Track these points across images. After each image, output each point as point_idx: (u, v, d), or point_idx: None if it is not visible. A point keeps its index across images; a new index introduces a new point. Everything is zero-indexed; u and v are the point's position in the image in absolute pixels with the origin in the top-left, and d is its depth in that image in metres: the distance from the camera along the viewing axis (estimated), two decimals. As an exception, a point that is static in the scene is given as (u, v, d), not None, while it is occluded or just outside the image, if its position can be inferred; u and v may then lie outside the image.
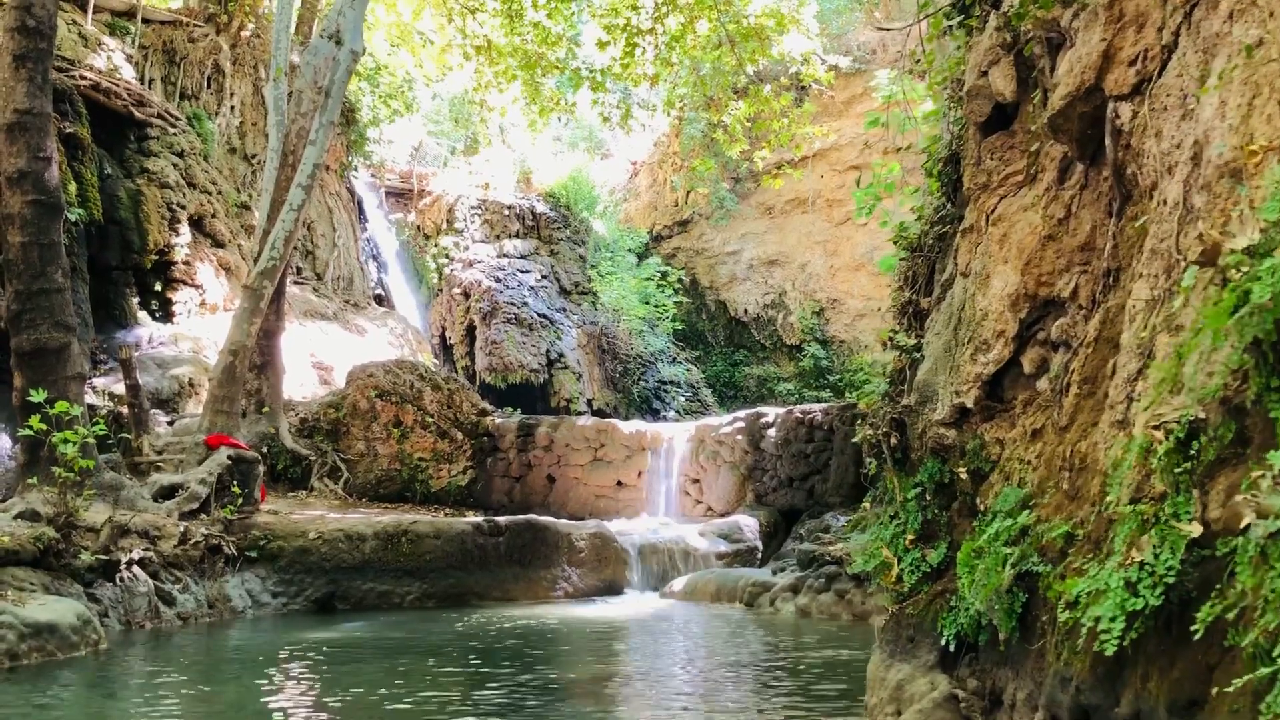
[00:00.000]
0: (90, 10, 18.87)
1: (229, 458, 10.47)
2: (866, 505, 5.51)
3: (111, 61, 18.63)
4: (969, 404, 4.69)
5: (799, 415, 12.61)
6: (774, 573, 10.11)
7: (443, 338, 26.34)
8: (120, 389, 14.75)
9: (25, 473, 9.34)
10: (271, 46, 16.12)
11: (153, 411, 14.76)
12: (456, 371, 25.73)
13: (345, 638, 8.16)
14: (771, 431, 12.69)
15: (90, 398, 14.50)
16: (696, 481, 13.01)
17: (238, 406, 11.03)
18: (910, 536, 4.75)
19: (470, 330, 25.45)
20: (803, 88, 21.39)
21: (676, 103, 18.90)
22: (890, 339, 5.51)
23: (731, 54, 16.54)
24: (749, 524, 11.94)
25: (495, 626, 8.71)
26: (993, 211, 4.68)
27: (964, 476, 4.69)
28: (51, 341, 9.35)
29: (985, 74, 4.51)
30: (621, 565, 10.98)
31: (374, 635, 8.31)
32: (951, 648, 4.16)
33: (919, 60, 9.39)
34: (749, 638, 8.08)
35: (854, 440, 11.98)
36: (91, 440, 9.00)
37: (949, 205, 5.29)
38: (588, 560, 10.80)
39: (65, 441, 8.46)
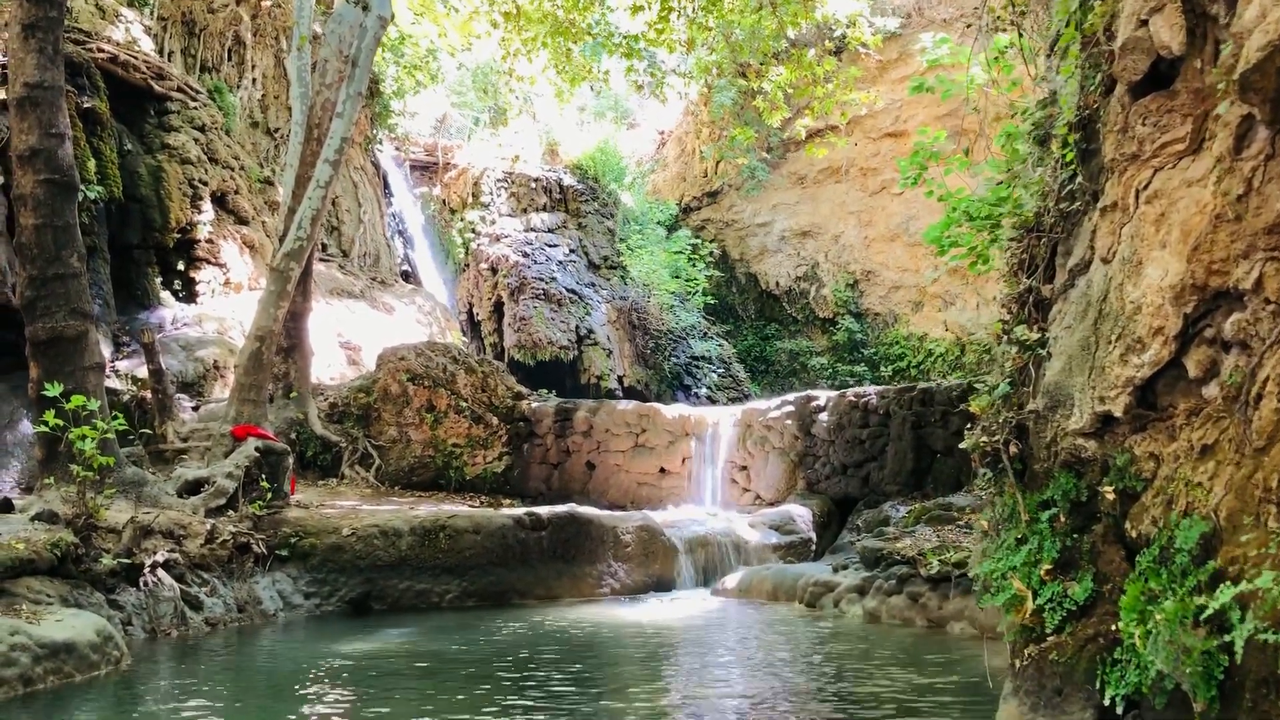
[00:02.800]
0: (106, -20, 18.23)
1: (257, 449, 9.93)
2: (984, 524, 4.85)
3: (129, 33, 18.02)
4: (1116, 412, 4.02)
5: (852, 399, 11.95)
6: (835, 570, 9.48)
7: (470, 314, 25.78)
8: (143, 372, 14.27)
9: (43, 469, 8.84)
10: (294, 15, 15.47)
11: (177, 396, 14.26)
12: (485, 349, 25.19)
13: (382, 649, 7.60)
14: (823, 416, 12.05)
15: (113, 382, 14.02)
16: (744, 468, 12.39)
17: (265, 395, 10.48)
18: (1047, 566, 4.10)
19: (498, 306, 24.87)
20: (838, 50, 20.54)
21: (711, 70, 18.11)
22: (1005, 333, 4.85)
23: (772, 17, 15.75)
24: (802, 514, 11.32)
25: (540, 633, 8.14)
26: (1146, 186, 3.99)
27: (1110, 496, 4.04)
28: (69, 330, 8.80)
29: (1145, 23, 3.81)
30: (670, 560, 10.40)
31: (411, 646, 7.74)
32: (1119, 709, 3.52)
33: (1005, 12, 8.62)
34: (822, 651, 7.46)
35: (914, 426, 11.35)
36: (112, 435, 8.47)
37: (1078, 178, 4.59)
38: (634, 555, 10.22)
39: (83, 438, 7.94)
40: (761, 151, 27.72)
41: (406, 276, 25.05)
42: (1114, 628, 3.67)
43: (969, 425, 5.04)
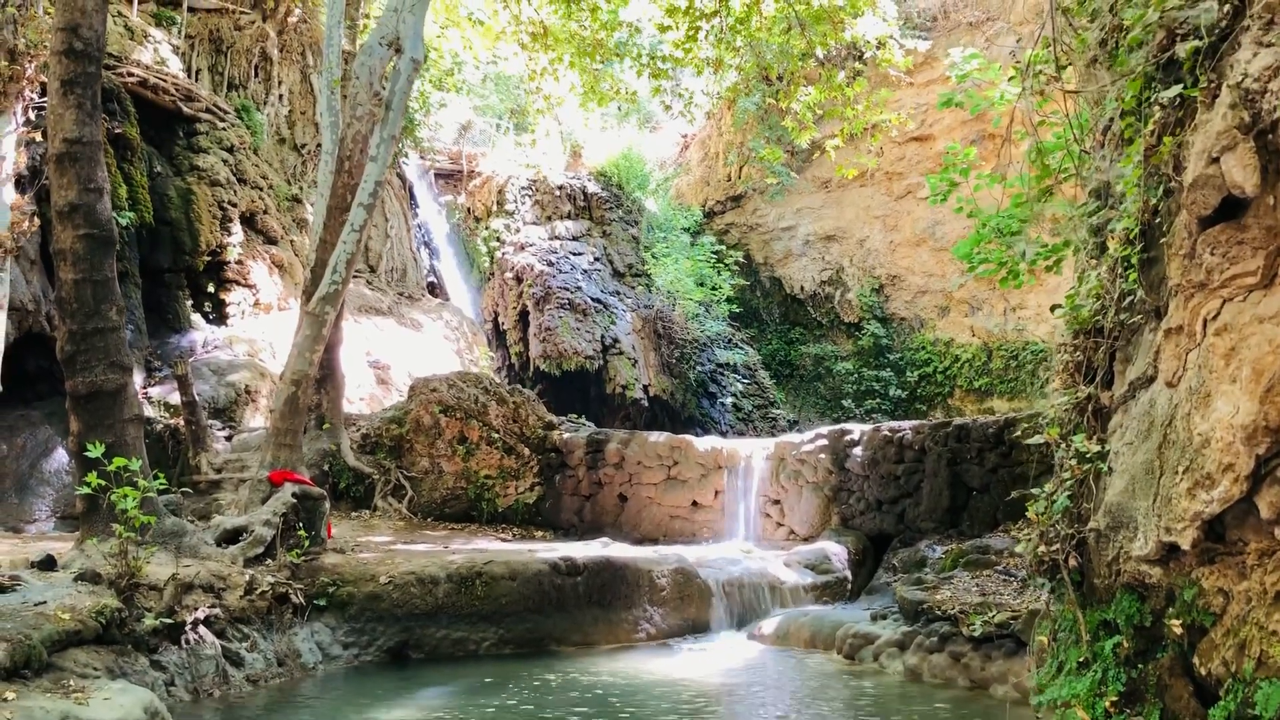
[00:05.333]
0: (136, 2, 18.31)
1: (294, 495, 9.95)
2: (1044, 642, 4.79)
3: (158, 54, 18.09)
4: (1184, 545, 3.97)
5: (887, 434, 11.88)
6: (873, 619, 9.43)
7: (495, 323, 25.81)
8: (176, 398, 14.35)
9: (85, 523, 8.89)
10: (323, 42, 15.48)
11: (209, 422, 14.36)
12: (510, 358, 25.23)
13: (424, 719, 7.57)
14: (857, 450, 11.99)
15: (147, 409, 14.12)
16: (777, 503, 12.35)
17: (301, 439, 10.50)
18: (1112, 699, 4.05)
19: (523, 316, 24.88)
20: (860, 57, 20.34)
21: (740, 89, 18.00)
22: (1063, 439, 4.79)
23: (801, 37, 15.63)
24: (837, 552, 11.28)
25: (578, 693, 8.13)
26: (1215, 317, 3.92)
27: (1177, 630, 3.98)
28: (108, 383, 8.83)
29: (1216, 160, 3.74)
30: (705, 602, 10.38)
31: (454, 710, 7.72)
32: None
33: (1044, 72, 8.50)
34: (864, 713, 7.43)
35: (949, 463, 11.27)
36: (153, 494, 8.50)
37: (1138, 292, 4.52)
38: (670, 599, 10.21)
39: (125, 497, 7.98)
40: (784, 155, 27.56)
41: (433, 288, 25.09)
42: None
43: (1026, 545, 4.96)
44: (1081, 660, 4.28)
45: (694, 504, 12.62)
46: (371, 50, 12.21)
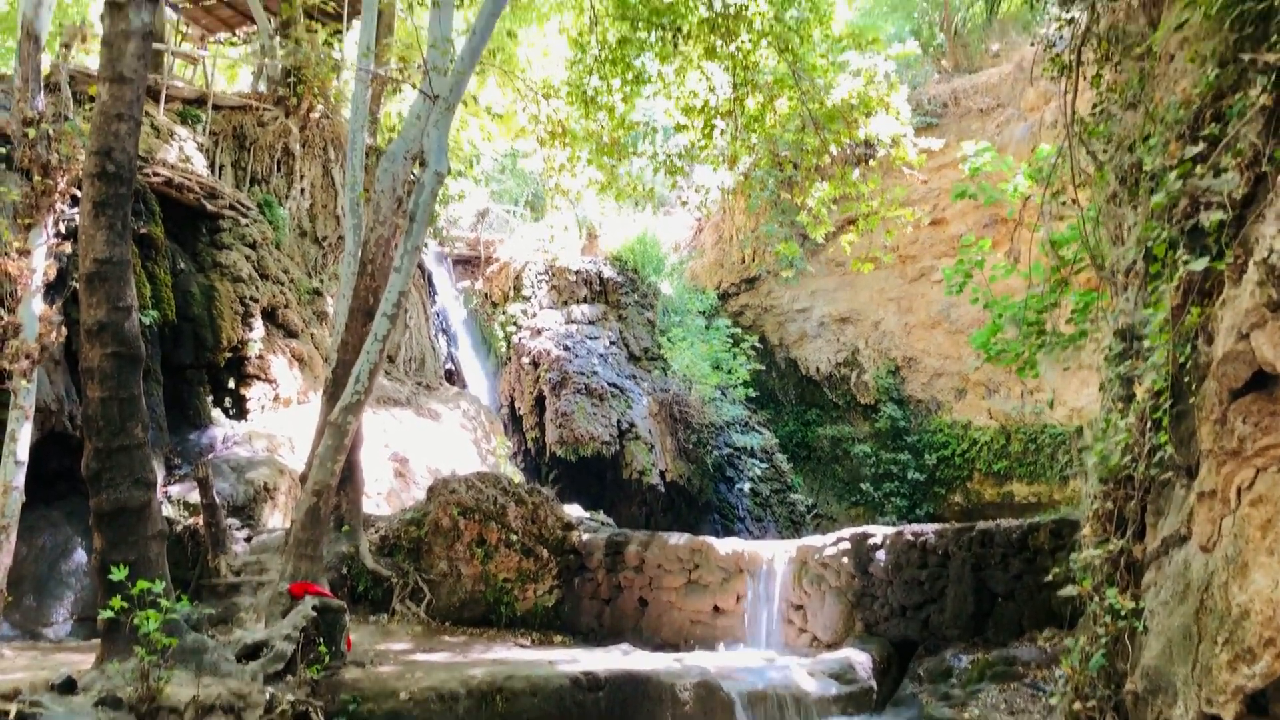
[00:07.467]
0: (162, 101, 18.75)
1: (314, 608, 9.90)
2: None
3: (183, 151, 18.46)
4: (1226, 718, 3.91)
5: (909, 538, 11.79)
6: (900, 738, 9.29)
7: (512, 407, 25.86)
8: (195, 497, 14.37)
9: (106, 642, 8.85)
10: (347, 144, 15.80)
11: (228, 521, 14.36)
12: (526, 443, 25.21)
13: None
14: (880, 554, 11.89)
15: (166, 509, 14.14)
16: (800, 608, 12.22)
17: (322, 549, 10.48)
18: None
19: (540, 400, 24.92)
20: (872, 156, 20.62)
21: (755, 184, 18.25)
22: (1096, 590, 4.75)
23: (815, 135, 15.89)
24: (861, 661, 11.11)
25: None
26: (1249, 486, 3.91)
27: (1222, 807, 3.91)
28: (132, 501, 8.87)
29: (1245, 336, 3.76)
30: (728, 717, 10.21)
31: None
32: None
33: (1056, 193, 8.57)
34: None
35: (974, 569, 11.16)
36: (175, 616, 8.48)
37: (1168, 448, 4.52)
38: (693, 713, 10.05)
39: (148, 619, 7.97)
40: (797, 239, 27.84)
41: (450, 376, 25.21)
42: None
43: (1059, 696, 4.90)
44: (1124, 832, 4.21)
45: (715, 609, 12.50)
46: (395, 158, 12.45)
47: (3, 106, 13.99)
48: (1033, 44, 16.49)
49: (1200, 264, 3.99)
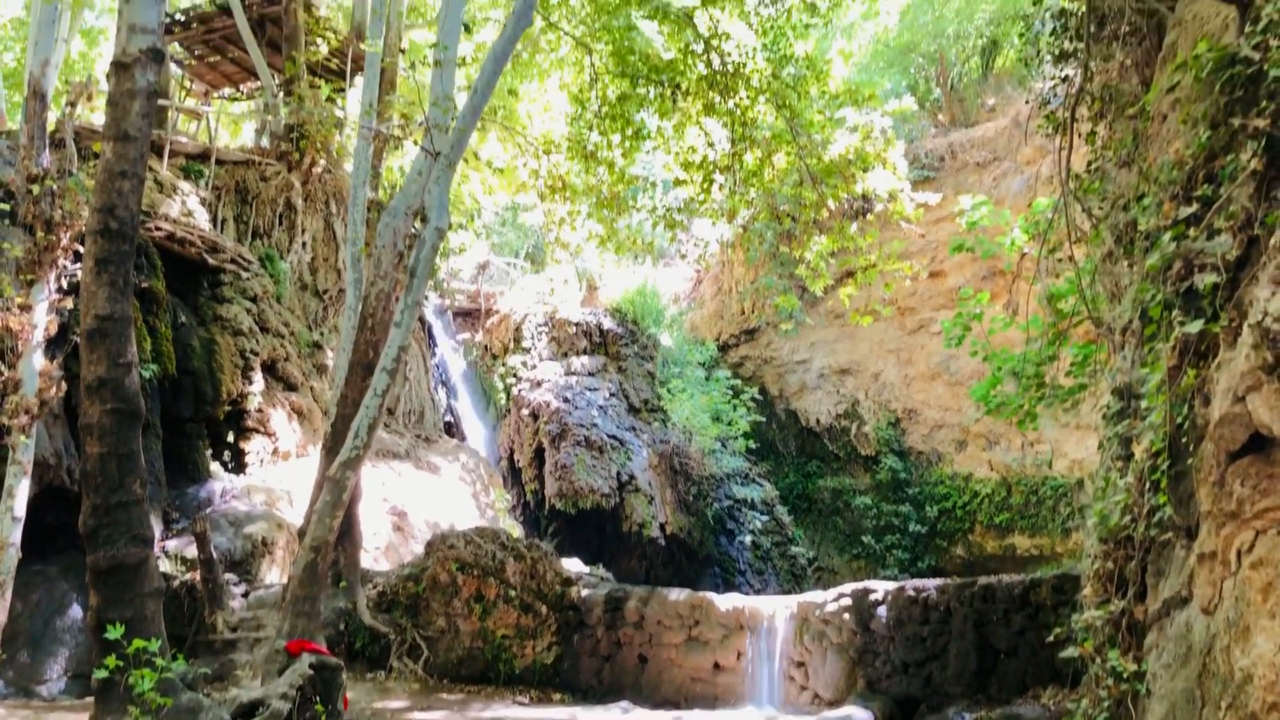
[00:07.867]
0: (166, 156, 18.92)
1: (311, 666, 9.80)
2: None
3: (185, 205, 18.60)
4: (1231, 785, 3.86)
5: (911, 593, 11.70)
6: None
7: (511, 459, 25.78)
8: (193, 551, 14.29)
9: (100, 701, 8.73)
10: (349, 200, 15.93)
11: (226, 576, 14.25)
12: (525, 495, 25.09)
13: None
14: (882, 610, 11.79)
15: (163, 564, 14.05)
16: (801, 665, 12.09)
17: (319, 606, 10.40)
18: None
19: (539, 452, 24.84)
20: (869, 210, 20.81)
21: (754, 237, 18.38)
22: (1097, 652, 4.71)
23: (813, 190, 16.03)
24: (864, 719, 10.98)
25: None
26: (1249, 549, 3.90)
27: None
28: (129, 558, 8.81)
29: (1242, 399, 3.78)
30: (730, 777, 10.09)
31: None
32: None
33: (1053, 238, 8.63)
34: None
35: (976, 625, 11.07)
36: (171, 675, 8.39)
37: (1168, 509, 4.51)
38: (694, 773, 9.93)
39: (143, 679, 7.89)
40: (796, 291, 27.96)
41: (449, 428, 25.17)
42: None
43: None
44: None
45: (716, 666, 12.37)
46: (396, 213, 12.54)
47: (8, 162, 14.13)
48: (1028, 101, 16.69)
49: (1195, 326, 4.02)
